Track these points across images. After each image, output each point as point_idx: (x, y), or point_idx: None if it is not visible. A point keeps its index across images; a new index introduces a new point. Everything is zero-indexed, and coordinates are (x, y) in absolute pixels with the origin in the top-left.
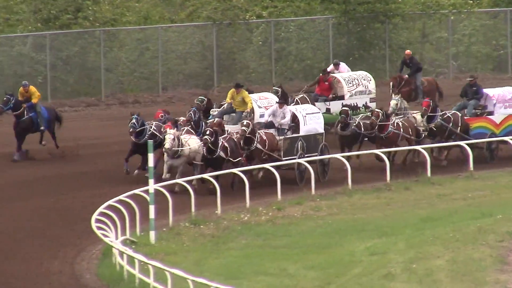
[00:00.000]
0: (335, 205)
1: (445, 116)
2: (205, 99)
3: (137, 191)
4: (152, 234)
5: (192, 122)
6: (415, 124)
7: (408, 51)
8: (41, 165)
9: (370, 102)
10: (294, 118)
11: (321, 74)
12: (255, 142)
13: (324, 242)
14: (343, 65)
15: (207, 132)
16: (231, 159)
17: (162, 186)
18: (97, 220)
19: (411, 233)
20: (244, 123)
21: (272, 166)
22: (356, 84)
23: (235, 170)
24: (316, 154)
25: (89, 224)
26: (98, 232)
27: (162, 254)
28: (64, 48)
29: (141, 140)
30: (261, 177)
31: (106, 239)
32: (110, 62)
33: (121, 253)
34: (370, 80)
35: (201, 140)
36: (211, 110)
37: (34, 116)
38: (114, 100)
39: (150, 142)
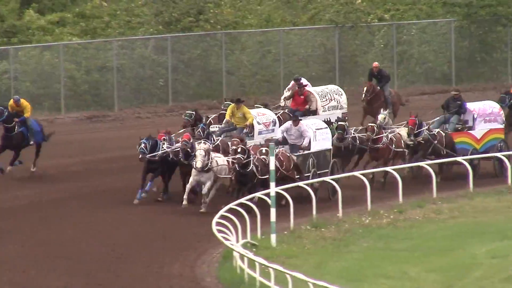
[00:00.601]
0: (457, 208)
1: (431, 133)
2: (193, 113)
3: (258, 194)
4: (273, 237)
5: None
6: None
7: (376, 63)
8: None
9: (342, 117)
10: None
11: (296, 88)
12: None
13: (445, 245)
14: (304, 81)
15: (239, 150)
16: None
17: (283, 189)
18: (218, 223)
19: None
20: (239, 150)
21: (393, 169)
22: (329, 99)
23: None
24: (327, 171)
25: (210, 227)
26: (219, 235)
27: (283, 257)
28: (186, 50)
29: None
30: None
31: (226, 242)
32: (231, 65)
33: (242, 256)
34: (342, 94)
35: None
36: (211, 126)
37: (25, 130)
38: None
39: (272, 145)
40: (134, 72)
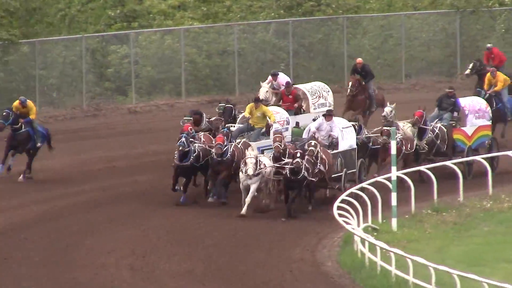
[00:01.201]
0: None
1: (435, 132)
2: (226, 105)
3: (379, 178)
4: (393, 221)
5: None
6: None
7: (359, 59)
8: None
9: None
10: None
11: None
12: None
13: None
14: (282, 76)
15: (298, 155)
16: (312, 178)
17: (404, 173)
18: (339, 208)
19: None
20: (312, 144)
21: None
22: (318, 96)
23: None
24: (355, 170)
25: (331, 212)
26: (340, 220)
27: (403, 242)
28: (307, 35)
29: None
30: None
31: (347, 226)
32: (353, 49)
33: (363, 241)
34: (329, 91)
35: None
36: (227, 126)
37: (31, 131)
38: None
39: (394, 129)
40: (255, 56)
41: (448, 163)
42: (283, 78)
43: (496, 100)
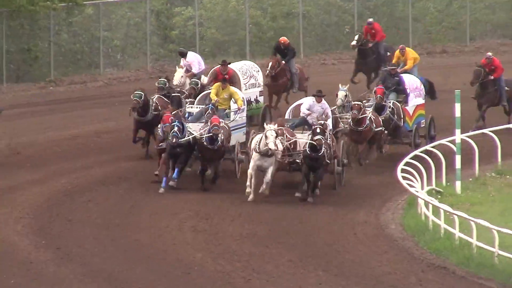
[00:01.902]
0: None
1: (390, 109)
2: (173, 95)
3: (443, 141)
4: (457, 184)
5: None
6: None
7: (284, 38)
8: None
9: (259, 96)
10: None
11: (219, 66)
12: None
13: None
14: (191, 55)
15: (317, 131)
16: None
17: (468, 136)
18: (403, 170)
19: None
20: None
21: None
22: (249, 76)
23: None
24: None
25: (395, 175)
26: (404, 182)
27: (467, 204)
28: None
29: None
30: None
31: (411, 189)
32: (418, 12)
33: (426, 203)
34: (258, 71)
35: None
36: (187, 106)
37: None
38: (422, 50)
39: (458, 91)
40: (320, 18)
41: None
42: (193, 57)
43: None
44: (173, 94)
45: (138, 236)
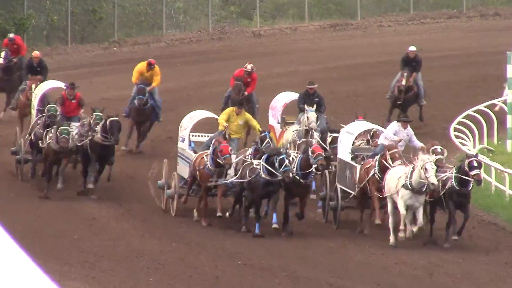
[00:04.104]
0: None
1: None
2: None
3: (495, 101)
4: (508, 143)
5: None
6: None
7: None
8: None
9: None
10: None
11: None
12: None
13: None
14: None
15: (475, 164)
16: None
17: None
18: (455, 129)
19: None
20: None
21: None
22: None
23: None
24: None
25: (448, 133)
26: (456, 141)
27: None
28: None
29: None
30: None
31: (463, 148)
32: None
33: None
34: None
35: None
36: (192, 135)
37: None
38: (475, 13)
39: (510, 53)
40: None
41: None
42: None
43: (149, 97)
44: (111, 119)
45: None
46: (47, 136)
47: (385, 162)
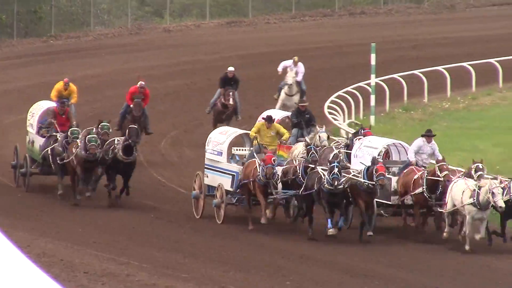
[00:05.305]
0: None
1: None
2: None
3: (362, 83)
4: (372, 118)
5: None
6: None
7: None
8: None
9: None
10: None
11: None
12: None
13: (509, 124)
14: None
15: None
16: None
17: (382, 80)
18: (329, 107)
19: None
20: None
21: None
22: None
23: None
24: None
25: (322, 109)
26: (329, 116)
27: (379, 134)
28: None
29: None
30: None
31: (335, 122)
32: None
33: (347, 133)
34: None
35: None
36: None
37: None
38: (345, 11)
39: (373, 45)
40: None
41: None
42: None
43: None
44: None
45: None
46: (73, 149)
47: (432, 178)
